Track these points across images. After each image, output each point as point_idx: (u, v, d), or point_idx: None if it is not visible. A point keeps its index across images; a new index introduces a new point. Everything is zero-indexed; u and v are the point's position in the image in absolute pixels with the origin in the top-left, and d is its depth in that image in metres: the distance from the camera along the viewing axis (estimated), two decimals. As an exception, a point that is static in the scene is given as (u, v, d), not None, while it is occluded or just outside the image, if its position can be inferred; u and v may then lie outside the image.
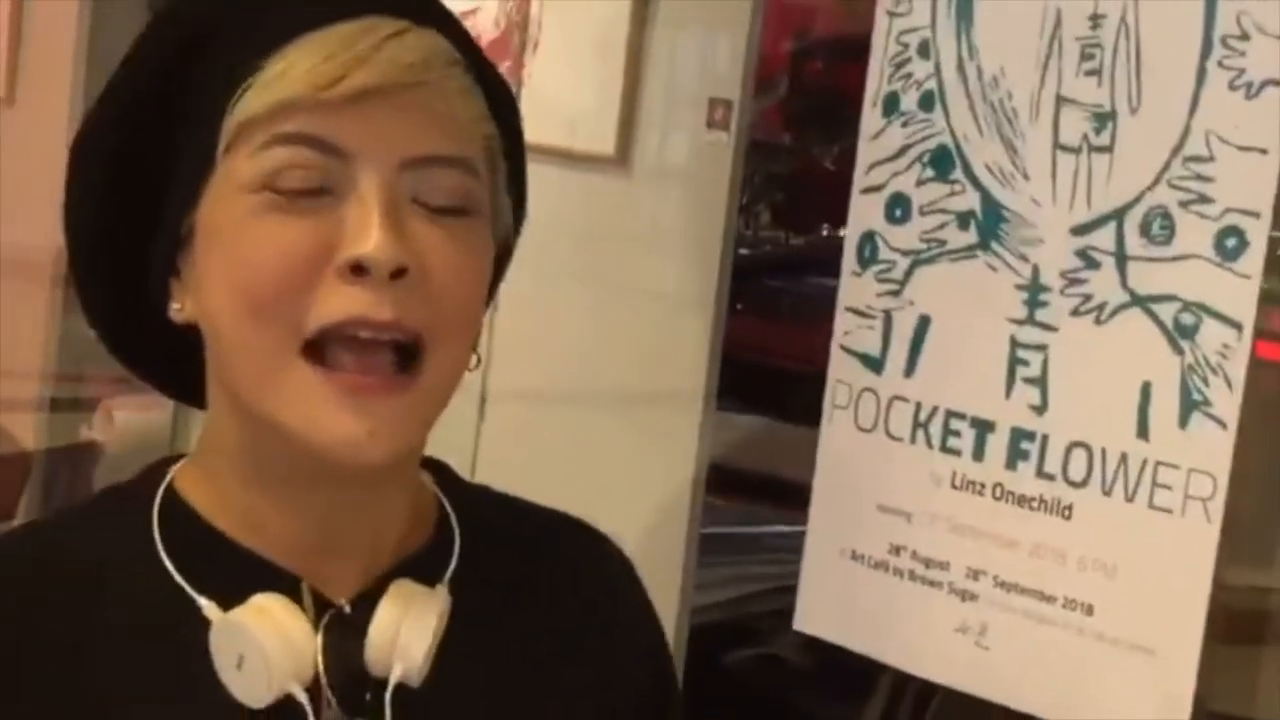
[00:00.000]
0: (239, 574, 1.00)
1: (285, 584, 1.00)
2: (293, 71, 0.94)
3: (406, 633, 1.00)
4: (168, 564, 1.01)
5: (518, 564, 1.11)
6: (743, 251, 2.50)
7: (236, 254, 0.95)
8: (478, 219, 0.99)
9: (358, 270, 0.93)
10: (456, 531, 1.09)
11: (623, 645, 1.13)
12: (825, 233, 3.02)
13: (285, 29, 0.95)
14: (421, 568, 1.05)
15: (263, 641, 0.96)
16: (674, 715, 1.16)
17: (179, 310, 1.00)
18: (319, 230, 0.94)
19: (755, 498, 2.69)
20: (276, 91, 0.94)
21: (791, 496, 2.62)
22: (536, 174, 2.29)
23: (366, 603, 1.01)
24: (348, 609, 1.02)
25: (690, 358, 2.12)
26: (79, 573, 1.01)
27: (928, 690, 1.54)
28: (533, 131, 2.39)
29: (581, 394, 2.25)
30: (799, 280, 3.05)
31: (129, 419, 2.51)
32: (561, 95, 2.30)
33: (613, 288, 2.23)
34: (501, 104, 1.04)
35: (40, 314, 2.63)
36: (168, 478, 1.05)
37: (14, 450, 2.58)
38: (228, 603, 0.99)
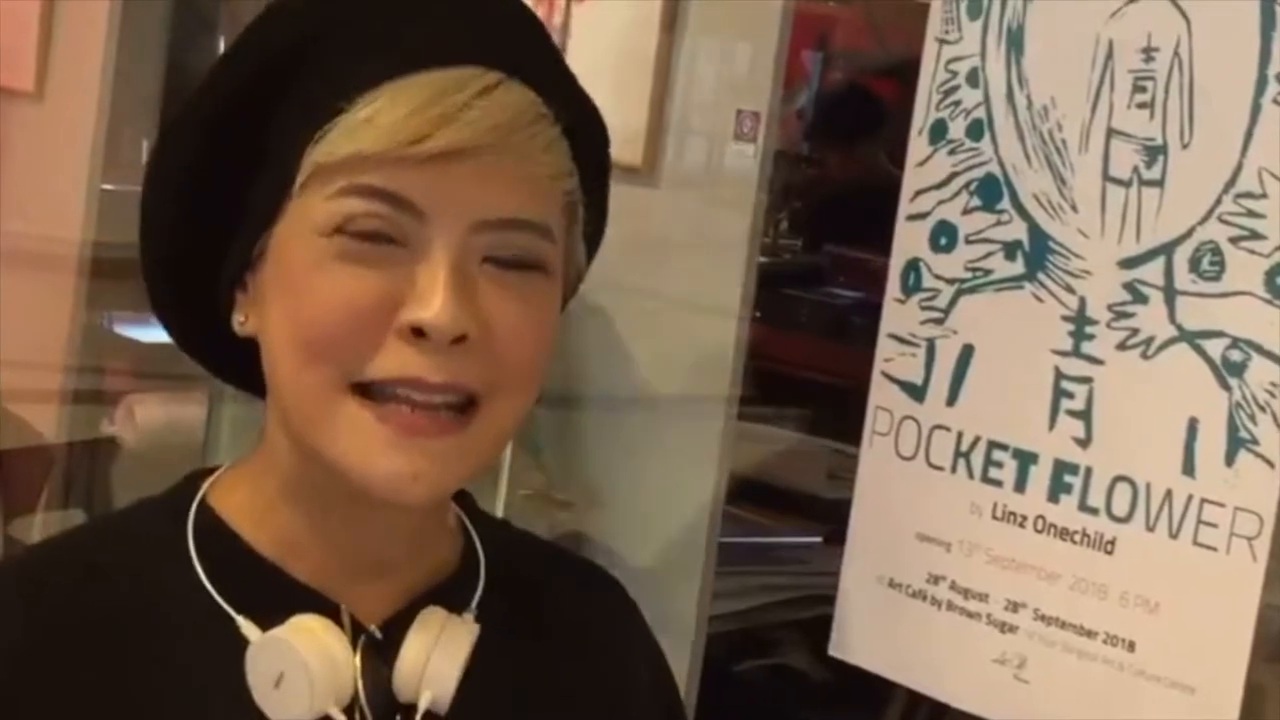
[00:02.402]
0: (274, 595, 1.02)
1: (321, 606, 1.02)
2: (377, 121, 0.93)
3: (437, 660, 1.01)
4: (205, 582, 1.02)
5: (534, 599, 1.12)
6: (762, 260, 2.49)
7: (302, 297, 0.96)
8: (547, 277, 0.99)
9: (418, 333, 0.94)
10: (482, 560, 1.10)
11: (634, 689, 1.14)
12: (845, 245, 3.01)
13: (377, 70, 0.94)
14: (449, 594, 1.06)
15: (307, 660, 0.97)
16: None
17: (242, 323, 1.02)
18: (385, 285, 0.94)
19: (773, 507, 2.68)
20: (358, 141, 0.93)
21: (809, 508, 2.62)
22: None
23: (397, 628, 1.02)
24: (378, 634, 1.02)
25: (715, 367, 2.11)
26: (117, 584, 1.02)
27: (941, 705, 1.53)
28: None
29: (607, 400, 2.25)
30: (817, 290, 3.05)
31: (151, 415, 2.50)
32: (590, 104, 2.29)
33: (639, 296, 2.22)
34: (590, 141, 1.04)
35: (66, 306, 2.63)
36: (201, 492, 1.06)
37: (37, 443, 2.58)
38: (263, 623, 1.00)
